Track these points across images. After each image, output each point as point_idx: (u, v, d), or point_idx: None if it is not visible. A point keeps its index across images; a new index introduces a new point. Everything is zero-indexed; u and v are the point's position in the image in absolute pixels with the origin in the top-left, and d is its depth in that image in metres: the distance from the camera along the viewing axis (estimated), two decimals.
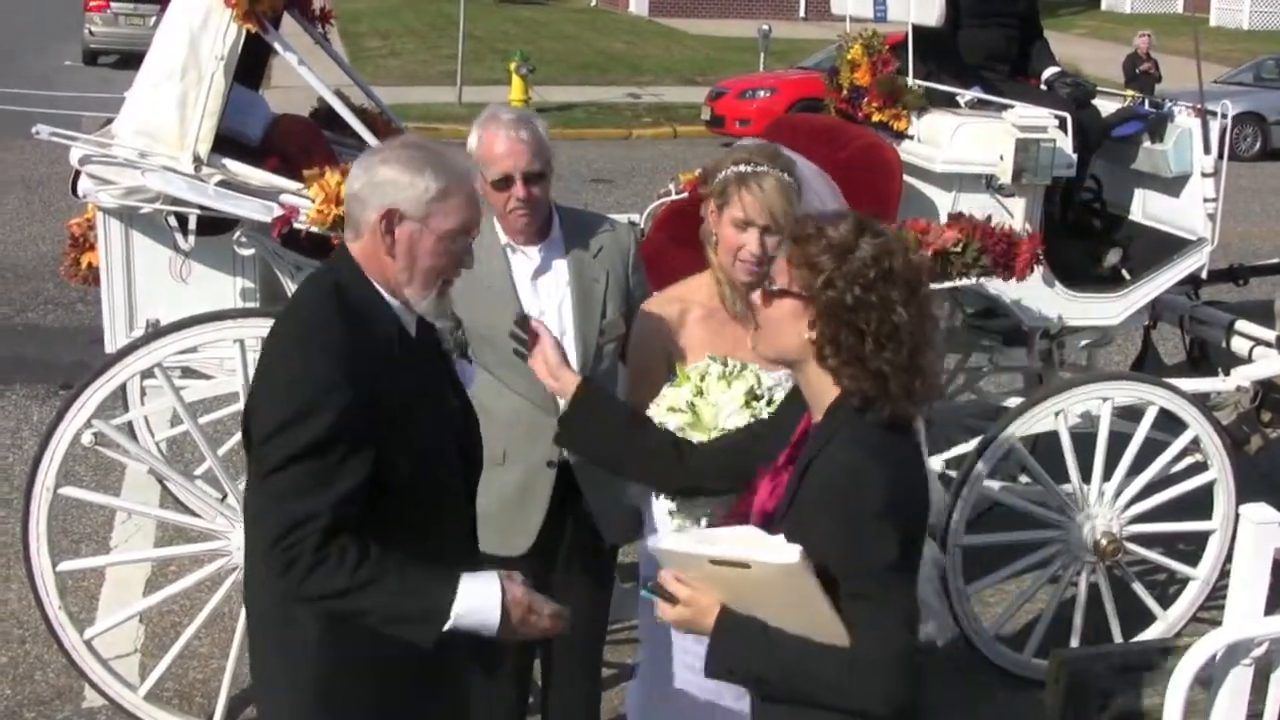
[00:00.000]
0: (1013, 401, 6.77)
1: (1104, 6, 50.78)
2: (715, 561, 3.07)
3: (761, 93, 25.77)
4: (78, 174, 5.55)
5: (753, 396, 4.08)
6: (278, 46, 5.73)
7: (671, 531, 3.21)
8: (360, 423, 3.30)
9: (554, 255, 4.70)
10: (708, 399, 4.08)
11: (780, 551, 3.00)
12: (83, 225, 6.25)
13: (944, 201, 6.57)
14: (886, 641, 3.03)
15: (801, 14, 46.13)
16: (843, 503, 3.06)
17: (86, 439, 5.53)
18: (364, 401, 3.31)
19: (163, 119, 5.48)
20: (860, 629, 3.03)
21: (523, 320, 4.08)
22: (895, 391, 3.13)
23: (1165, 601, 6.73)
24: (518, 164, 4.46)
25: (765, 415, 3.98)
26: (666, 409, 4.10)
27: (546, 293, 4.67)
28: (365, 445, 3.33)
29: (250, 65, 6.07)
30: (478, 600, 3.41)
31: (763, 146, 4.36)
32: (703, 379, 4.12)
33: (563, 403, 4.00)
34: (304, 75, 5.71)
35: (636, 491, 4.55)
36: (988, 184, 6.51)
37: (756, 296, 3.34)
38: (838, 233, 3.15)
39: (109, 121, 5.85)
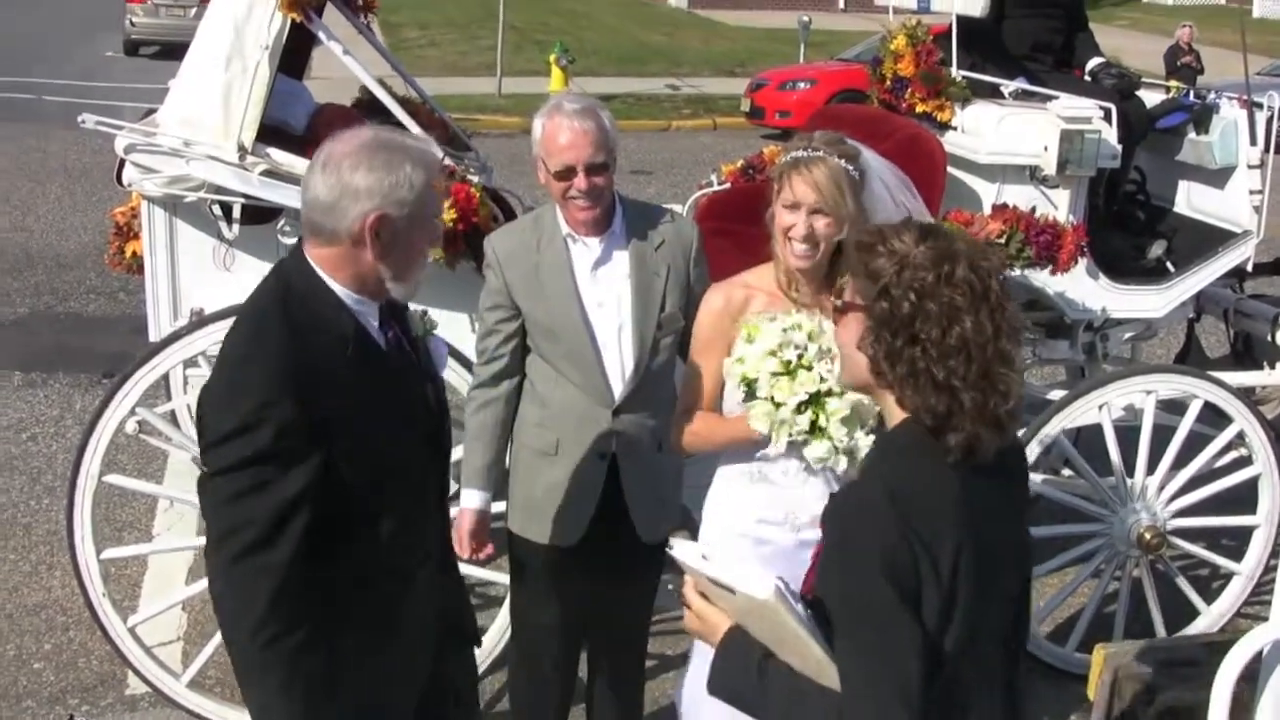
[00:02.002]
0: (1056, 394, 6.74)
1: None
2: (711, 581, 2.93)
3: (801, 84, 25.79)
4: (123, 163, 5.58)
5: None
6: (322, 36, 5.74)
7: (685, 541, 3.07)
8: (301, 434, 3.28)
9: (615, 246, 4.67)
10: (805, 360, 4.15)
11: (756, 584, 2.80)
12: (127, 214, 6.29)
13: (988, 193, 6.55)
14: (871, 693, 2.73)
15: (841, 5, 46.20)
16: (838, 534, 2.85)
17: (130, 427, 5.56)
18: (306, 414, 3.28)
19: (207, 108, 5.50)
20: (846, 676, 2.76)
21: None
22: (970, 409, 2.82)
23: (1209, 596, 6.69)
24: (580, 155, 4.44)
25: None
26: (765, 353, 4.14)
27: (606, 284, 4.64)
28: (309, 454, 3.30)
29: (293, 55, 6.08)
30: None
31: (826, 134, 4.33)
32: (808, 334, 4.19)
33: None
34: (348, 64, 5.72)
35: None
36: (1032, 175, 6.49)
37: (832, 319, 3.17)
38: (899, 240, 2.91)
39: (150, 112, 5.88)
